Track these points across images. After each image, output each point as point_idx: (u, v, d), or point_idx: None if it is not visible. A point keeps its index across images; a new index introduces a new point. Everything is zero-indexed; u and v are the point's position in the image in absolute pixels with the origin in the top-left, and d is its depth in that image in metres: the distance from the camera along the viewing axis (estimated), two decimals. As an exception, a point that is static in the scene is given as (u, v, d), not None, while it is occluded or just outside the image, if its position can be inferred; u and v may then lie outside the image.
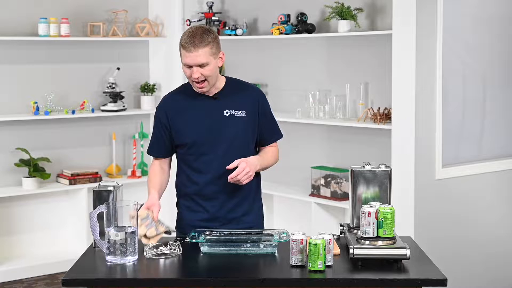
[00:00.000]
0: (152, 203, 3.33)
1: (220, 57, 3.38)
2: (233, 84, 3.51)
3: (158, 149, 3.52)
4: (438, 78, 4.85)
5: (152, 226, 3.20)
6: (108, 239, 3.03)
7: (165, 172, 3.53)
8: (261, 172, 3.55)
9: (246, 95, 3.49)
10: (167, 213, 6.67)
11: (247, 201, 3.50)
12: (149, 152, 3.56)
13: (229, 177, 3.30)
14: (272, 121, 3.58)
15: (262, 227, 3.58)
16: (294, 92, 5.99)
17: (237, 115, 3.43)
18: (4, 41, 5.84)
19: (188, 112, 3.43)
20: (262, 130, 3.52)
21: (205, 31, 3.31)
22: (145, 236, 3.19)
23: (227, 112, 3.43)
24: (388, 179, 3.22)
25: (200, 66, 3.29)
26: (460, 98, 5.16)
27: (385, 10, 5.27)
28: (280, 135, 3.61)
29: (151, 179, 3.49)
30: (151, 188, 3.44)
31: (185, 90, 3.48)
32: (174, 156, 3.57)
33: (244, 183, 3.33)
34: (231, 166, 3.33)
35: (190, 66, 3.31)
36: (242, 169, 3.30)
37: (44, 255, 6.09)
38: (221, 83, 3.46)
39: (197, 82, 3.34)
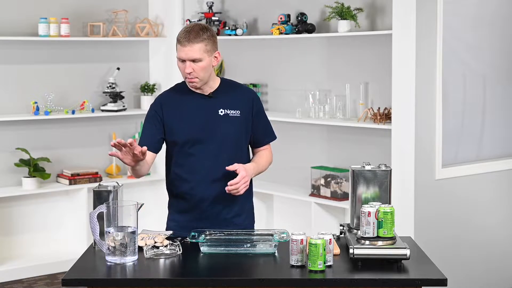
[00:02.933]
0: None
1: (215, 56, 3.39)
2: (227, 84, 3.52)
3: (146, 140, 3.44)
4: (438, 78, 4.85)
5: (150, 238, 3.22)
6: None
7: (146, 165, 3.39)
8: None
9: (240, 95, 3.50)
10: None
11: (238, 203, 3.50)
12: (139, 144, 3.46)
13: (227, 187, 3.31)
14: (266, 123, 3.58)
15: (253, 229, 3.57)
16: (294, 92, 5.99)
17: (231, 114, 3.44)
18: (4, 41, 5.84)
19: (182, 110, 3.43)
20: (256, 131, 3.52)
21: (202, 28, 3.35)
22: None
23: (221, 111, 3.44)
24: (388, 179, 3.22)
25: (193, 61, 3.32)
26: (460, 98, 5.16)
27: (385, 10, 5.27)
28: (273, 137, 3.61)
29: None
30: None
31: (181, 88, 3.50)
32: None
33: (241, 192, 3.34)
34: (231, 167, 3.33)
35: (183, 61, 3.33)
36: (242, 177, 3.32)
37: (44, 255, 6.09)
38: (215, 83, 3.47)
39: (189, 78, 3.36)
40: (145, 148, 3.21)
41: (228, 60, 6.35)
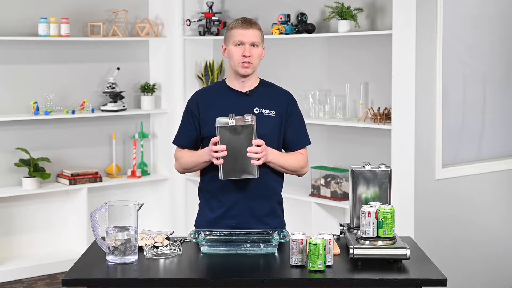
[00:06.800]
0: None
1: (263, 48, 3.47)
2: (266, 85, 3.55)
3: (184, 138, 3.52)
4: (438, 78, 4.85)
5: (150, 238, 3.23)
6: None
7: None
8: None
9: (277, 96, 3.53)
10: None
11: (269, 202, 3.48)
12: (175, 141, 3.56)
13: (248, 150, 3.28)
14: (300, 127, 3.56)
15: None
16: (294, 92, 5.94)
17: (266, 114, 3.45)
18: (4, 41, 5.84)
19: (218, 106, 3.44)
20: (288, 134, 3.51)
21: (255, 20, 3.47)
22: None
23: (257, 110, 3.44)
24: (388, 179, 3.22)
25: (252, 45, 3.38)
26: (460, 98, 5.16)
27: (385, 10, 5.27)
28: (307, 142, 3.57)
29: (183, 155, 3.50)
30: (192, 153, 3.47)
31: (218, 87, 3.53)
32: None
33: (258, 160, 3.28)
34: (255, 142, 3.29)
35: (241, 44, 3.38)
36: (259, 149, 3.27)
37: (44, 255, 6.09)
38: (255, 81, 3.51)
39: (244, 62, 3.38)
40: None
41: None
